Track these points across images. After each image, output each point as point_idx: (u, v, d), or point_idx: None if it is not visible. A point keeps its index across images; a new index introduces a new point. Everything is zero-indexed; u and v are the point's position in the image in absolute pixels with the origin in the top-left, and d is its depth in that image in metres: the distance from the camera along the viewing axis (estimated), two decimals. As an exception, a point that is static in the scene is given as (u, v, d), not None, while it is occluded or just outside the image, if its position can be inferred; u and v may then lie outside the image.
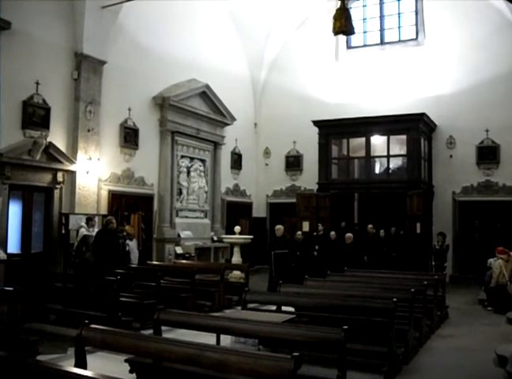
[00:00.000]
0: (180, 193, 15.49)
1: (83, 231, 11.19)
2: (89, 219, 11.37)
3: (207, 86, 15.87)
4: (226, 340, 6.82)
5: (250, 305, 7.90)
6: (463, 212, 16.50)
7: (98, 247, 10.39)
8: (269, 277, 12.98)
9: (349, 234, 13.79)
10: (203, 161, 16.53)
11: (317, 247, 13.86)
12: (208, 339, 6.06)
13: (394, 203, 15.57)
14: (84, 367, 4.59)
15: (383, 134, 16.50)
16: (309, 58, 18.87)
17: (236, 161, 18.56)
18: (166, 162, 14.78)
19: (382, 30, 18.42)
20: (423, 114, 15.62)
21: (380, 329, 6.60)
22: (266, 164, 19.64)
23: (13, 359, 4.04)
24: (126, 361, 5.28)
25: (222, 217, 17.32)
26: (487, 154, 16.12)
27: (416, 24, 17.68)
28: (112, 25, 12.65)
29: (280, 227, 13.46)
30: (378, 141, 16.92)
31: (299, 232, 14.63)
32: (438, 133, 16.93)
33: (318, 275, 10.66)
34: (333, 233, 14.13)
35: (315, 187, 17.29)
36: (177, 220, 15.17)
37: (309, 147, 17.93)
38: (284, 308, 7.79)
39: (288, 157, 19.27)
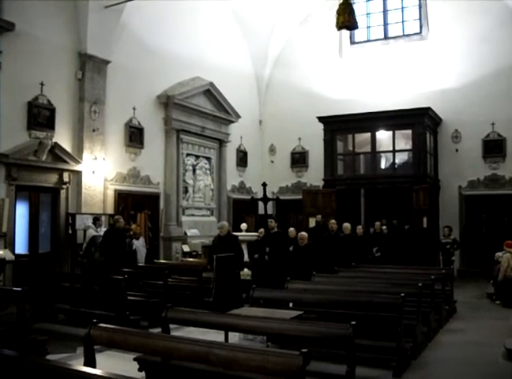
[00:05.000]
0: (186, 191, 15.52)
1: (91, 232, 11.25)
2: (96, 219, 11.43)
3: (211, 84, 15.88)
4: (234, 337, 6.84)
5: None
6: (470, 206, 16.44)
7: (105, 246, 10.42)
8: (214, 286, 9.62)
9: (303, 233, 10.53)
10: (208, 159, 16.55)
11: (267, 249, 10.76)
12: (217, 336, 6.07)
13: (400, 198, 15.53)
14: (94, 366, 4.61)
15: (388, 129, 16.47)
16: (313, 54, 18.83)
17: (242, 158, 18.57)
18: (171, 160, 14.79)
19: (385, 25, 18.36)
20: (428, 109, 15.57)
21: (388, 324, 6.59)
22: (272, 161, 19.61)
23: (23, 359, 4.06)
24: (134, 359, 5.29)
25: (228, 215, 17.32)
26: (493, 147, 16.04)
27: (420, 18, 17.60)
28: (116, 25, 12.65)
29: (223, 225, 10.47)
30: (383, 136, 16.89)
31: (261, 230, 11.79)
32: (444, 127, 16.87)
33: (268, 286, 8.34)
34: (291, 229, 11.69)
35: (321, 183, 17.29)
36: (183, 218, 15.20)
37: (314, 143, 17.91)
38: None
39: (293, 154, 19.24)
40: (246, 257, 12.68)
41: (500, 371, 6.20)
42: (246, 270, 12.81)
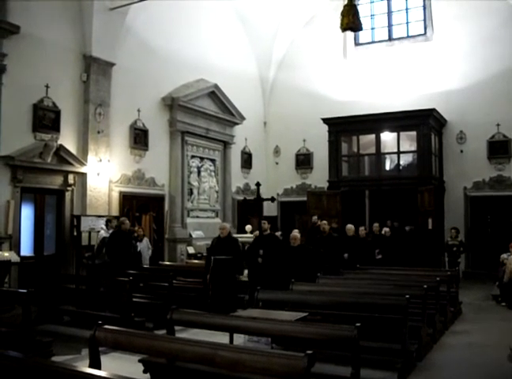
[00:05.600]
0: (191, 193, 15.53)
1: (102, 233, 11.34)
2: (109, 221, 11.50)
3: (216, 86, 15.90)
4: (239, 339, 6.83)
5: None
6: (475, 208, 16.39)
7: (111, 248, 10.45)
8: (211, 288, 9.82)
9: (295, 234, 10.13)
10: (213, 161, 16.57)
11: (261, 252, 10.27)
12: (222, 338, 6.08)
13: (405, 199, 15.50)
14: (99, 368, 4.62)
15: (393, 131, 16.44)
16: (317, 55, 18.83)
17: (246, 160, 18.57)
18: (176, 162, 14.81)
19: (390, 26, 18.34)
20: (432, 110, 15.54)
21: (393, 326, 6.58)
22: (276, 163, 19.62)
23: (28, 360, 4.07)
24: (139, 361, 5.30)
25: (233, 216, 17.34)
26: (499, 148, 15.99)
27: (424, 20, 17.58)
28: (120, 27, 12.69)
29: (225, 226, 10.63)
30: (388, 138, 16.87)
31: (257, 232, 11.32)
32: (449, 128, 16.84)
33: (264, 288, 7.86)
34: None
35: (326, 185, 17.27)
36: (188, 220, 15.21)
37: (319, 145, 17.91)
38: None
39: (297, 155, 19.23)
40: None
41: (506, 373, 6.18)
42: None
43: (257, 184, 11.26)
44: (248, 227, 14.00)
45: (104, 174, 12.39)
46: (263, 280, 9.25)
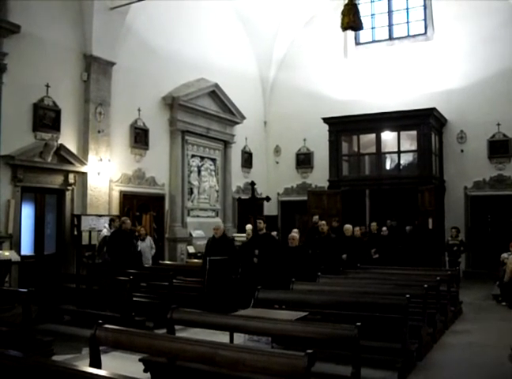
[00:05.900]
0: (191, 192, 15.53)
1: (104, 232, 11.35)
2: (112, 221, 11.50)
3: (216, 85, 15.89)
4: (239, 339, 6.83)
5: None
6: (475, 207, 16.39)
7: (112, 247, 10.45)
8: (207, 289, 9.82)
9: (293, 234, 10.00)
10: (213, 160, 16.57)
11: (257, 252, 10.10)
12: (222, 337, 6.08)
13: (406, 199, 15.50)
14: (99, 367, 4.62)
15: (393, 130, 16.44)
16: (317, 55, 18.82)
17: (247, 160, 18.56)
18: (176, 161, 14.81)
19: (390, 25, 18.33)
20: (433, 109, 15.53)
21: (393, 325, 6.57)
22: (277, 162, 19.61)
23: (29, 360, 4.07)
24: (140, 360, 5.30)
25: (233, 216, 17.34)
26: (499, 148, 15.99)
27: (425, 19, 17.58)
28: (121, 26, 12.69)
29: (219, 226, 10.67)
30: (388, 137, 16.87)
31: (249, 231, 11.29)
32: (449, 127, 16.83)
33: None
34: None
35: (326, 184, 17.27)
36: (188, 220, 15.21)
37: (319, 144, 17.90)
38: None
39: (298, 155, 19.23)
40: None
41: (506, 373, 6.18)
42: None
43: (252, 183, 11.20)
44: (248, 227, 13.95)
45: (105, 174, 12.39)
46: (258, 280, 9.10)
